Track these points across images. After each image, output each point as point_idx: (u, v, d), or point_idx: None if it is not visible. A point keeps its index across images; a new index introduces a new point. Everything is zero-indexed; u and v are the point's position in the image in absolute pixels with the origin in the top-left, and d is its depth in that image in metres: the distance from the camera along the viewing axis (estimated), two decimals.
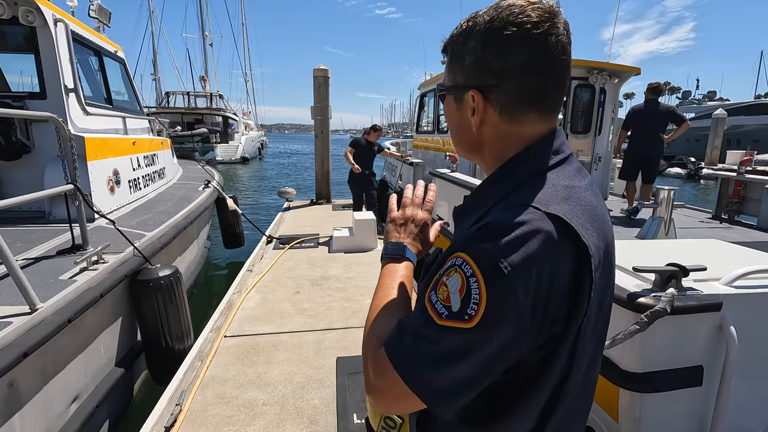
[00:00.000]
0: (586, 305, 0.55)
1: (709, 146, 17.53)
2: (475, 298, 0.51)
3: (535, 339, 0.54)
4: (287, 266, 4.38)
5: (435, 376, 0.54)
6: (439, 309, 0.54)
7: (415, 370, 0.55)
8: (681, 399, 1.39)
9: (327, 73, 7.67)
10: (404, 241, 0.82)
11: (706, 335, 1.38)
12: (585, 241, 0.54)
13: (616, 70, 5.95)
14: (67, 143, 2.43)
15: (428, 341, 0.55)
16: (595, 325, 0.61)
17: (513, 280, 0.50)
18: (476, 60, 0.61)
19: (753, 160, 5.67)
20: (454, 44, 0.66)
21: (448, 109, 0.70)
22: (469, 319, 0.51)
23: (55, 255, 2.53)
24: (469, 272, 0.52)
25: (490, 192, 0.65)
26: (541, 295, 0.51)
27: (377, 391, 0.59)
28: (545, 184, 0.59)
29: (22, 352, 1.72)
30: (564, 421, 0.62)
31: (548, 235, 0.52)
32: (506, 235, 0.52)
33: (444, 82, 0.70)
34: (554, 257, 0.52)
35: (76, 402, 2.19)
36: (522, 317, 0.51)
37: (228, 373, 2.47)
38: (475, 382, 0.55)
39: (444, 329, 0.53)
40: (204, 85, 30.45)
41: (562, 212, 0.54)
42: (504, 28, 0.58)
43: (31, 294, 1.87)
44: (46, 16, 3.21)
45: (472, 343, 0.52)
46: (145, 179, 4.35)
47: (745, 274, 1.43)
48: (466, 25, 0.64)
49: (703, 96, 29.44)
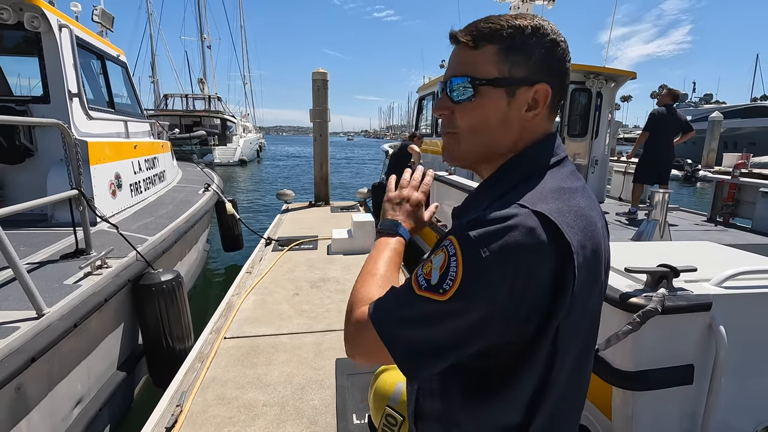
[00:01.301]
0: (567, 302, 0.58)
1: (706, 149, 17.62)
2: (452, 274, 0.56)
3: (510, 325, 0.57)
4: (286, 268, 4.41)
5: (406, 335, 0.60)
6: (420, 281, 0.60)
7: (390, 327, 0.62)
8: (673, 397, 1.43)
9: (326, 77, 7.72)
10: (398, 218, 0.88)
11: (696, 334, 1.42)
12: (568, 238, 0.56)
13: (613, 74, 6.01)
14: (72, 149, 2.46)
15: (405, 306, 0.61)
16: (580, 325, 0.63)
17: (489, 263, 0.54)
18: (547, 56, 0.64)
19: (749, 163, 5.73)
20: (513, 36, 0.63)
21: (491, 104, 0.65)
22: (443, 293, 0.56)
23: (59, 259, 2.56)
24: (452, 251, 0.57)
25: (488, 192, 0.68)
26: (518, 283, 0.54)
27: (354, 342, 0.66)
28: (538, 185, 0.62)
29: (29, 356, 1.74)
30: (554, 417, 0.65)
31: (530, 229, 0.55)
32: (491, 226, 0.56)
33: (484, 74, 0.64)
34: (535, 251, 0.55)
35: (79, 405, 2.21)
36: (495, 300, 0.55)
37: (228, 374, 2.50)
38: (442, 350, 0.59)
39: (420, 299, 0.59)
40: (202, 88, 30.50)
41: (547, 210, 0.57)
42: (559, 36, 0.66)
43: (38, 299, 1.90)
44: (51, 22, 3.25)
45: (442, 313, 0.57)
46: (146, 182, 4.39)
47: (735, 275, 1.47)
48: (527, 23, 0.64)
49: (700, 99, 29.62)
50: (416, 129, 8.83)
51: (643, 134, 5.18)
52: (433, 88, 7.47)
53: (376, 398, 1.21)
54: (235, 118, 29.38)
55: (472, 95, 0.65)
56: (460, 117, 0.68)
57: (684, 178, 18.54)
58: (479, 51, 0.65)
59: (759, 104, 22.28)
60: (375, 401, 1.21)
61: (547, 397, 0.63)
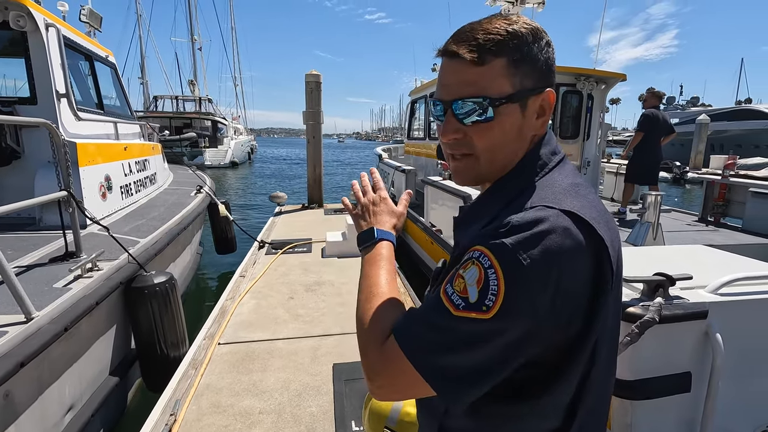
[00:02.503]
0: (607, 297, 0.57)
1: (693, 151, 17.90)
2: (493, 289, 0.52)
3: (553, 333, 0.54)
4: (280, 272, 4.37)
5: (448, 364, 0.54)
6: (456, 300, 0.54)
7: (429, 358, 0.55)
8: (671, 405, 1.44)
9: (319, 79, 7.68)
10: (373, 224, 0.83)
11: (693, 342, 1.42)
12: (601, 234, 0.56)
13: (603, 76, 6.07)
14: (60, 149, 2.41)
15: (443, 331, 0.55)
16: (612, 323, 0.62)
17: (531, 272, 0.51)
18: (547, 60, 0.63)
19: (736, 164, 5.83)
20: (518, 45, 0.60)
21: (509, 120, 0.62)
22: (487, 310, 0.52)
23: (48, 262, 2.50)
24: (488, 264, 0.53)
25: (496, 197, 0.66)
26: (560, 288, 0.52)
27: (384, 379, 0.59)
28: (552, 184, 0.62)
29: (18, 362, 1.70)
30: (589, 418, 0.63)
31: (566, 230, 0.53)
32: (525, 231, 0.53)
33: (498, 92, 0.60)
34: (573, 251, 0.53)
35: (71, 412, 2.17)
36: (539, 309, 0.52)
37: (223, 381, 2.46)
38: (489, 373, 0.55)
39: (460, 320, 0.53)
40: (193, 89, 30.17)
41: (575, 208, 0.56)
42: (547, 35, 0.64)
43: (27, 303, 1.86)
44: (38, 21, 3.19)
45: (488, 333, 0.52)
46: (137, 185, 4.32)
47: (730, 281, 1.48)
48: (525, 29, 0.61)
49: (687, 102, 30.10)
50: (409, 132, 8.83)
51: (638, 135, 5.22)
52: (426, 91, 7.47)
53: (372, 418, 1.16)
54: (226, 120, 29.12)
55: (490, 116, 0.61)
56: (477, 138, 0.64)
57: (673, 180, 18.80)
58: (486, 67, 0.60)
59: (744, 107, 22.68)
60: (371, 422, 1.16)
61: (585, 400, 0.61)
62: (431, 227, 4.71)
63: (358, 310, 0.70)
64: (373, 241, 0.80)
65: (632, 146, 5.36)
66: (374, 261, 0.76)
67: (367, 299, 0.70)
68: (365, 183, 0.91)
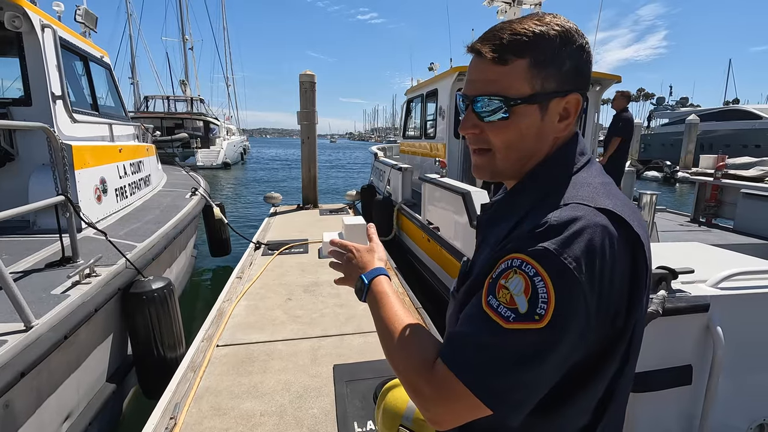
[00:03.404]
0: (643, 292, 0.58)
1: (683, 151, 18.17)
2: (543, 296, 0.51)
3: (599, 331, 0.55)
4: (277, 273, 4.36)
5: (510, 384, 0.53)
6: (504, 313, 0.53)
7: (489, 381, 0.53)
8: (672, 398, 1.46)
9: (313, 79, 7.68)
10: (361, 271, 0.84)
11: (694, 335, 1.45)
12: (636, 231, 0.57)
13: (598, 77, 6.14)
14: (58, 153, 2.38)
15: (497, 348, 0.53)
16: (644, 315, 0.63)
17: (578, 274, 0.51)
18: (576, 65, 0.62)
19: (726, 164, 5.93)
20: (543, 48, 0.60)
21: (526, 120, 0.63)
22: (540, 319, 0.51)
23: (45, 268, 2.47)
24: (532, 272, 0.52)
25: (525, 196, 0.66)
26: (605, 286, 0.53)
27: (441, 408, 0.56)
28: (583, 183, 0.62)
29: (18, 371, 1.66)
30: (615, 414, 0.64)
31: (604, 228, 0.54)
32: (564, 232, 0.53)
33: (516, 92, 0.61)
34: (613, 248, 0.54)
35: (68, 420, 2.14)
36: (589, 309, 0.52)
37: (222, 383, 2.44)
38: (548, 381, 0.54)
39: (513, 332, 0.52)
40: (184, 90, 29.92)
41: (611, 206, 0.57)
42: (584, 39, 0.63)
43: (26, 310, 1.82)
44: (33, 22, 3.14)
45: (545, 342, 0.51)
46: (132, 187, 4.28)
47: (730, 275, 1.51)
48: (555, 31, 0.61)
49: (677, 102, 30.50)
50: (404, 131, 8.84)
51: (616, 140, 5.12)
52: (422, 91, 7.49)
53: (385, 417, 1.12)
54: (219, 121, 28.93)
55: (506, 114, 0.62)
56: (493, 135, 0.65)
57: (663, 180, 19.04)
58: (508, 67, 0.61)
59: (732, 107, 23.05)
60: (385, 420, 1.12)
61: (617, 396, 0.62)
62: (428, 225, 4.72)
63: (388, 351, 0.67)
64: (366, 286, 0.80)
65: (611, 152, 5.21)
66: (378, 300, 0.75)
67: (392, 337, 0.67)
68: (335, 242, 0.96)
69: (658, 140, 23.90)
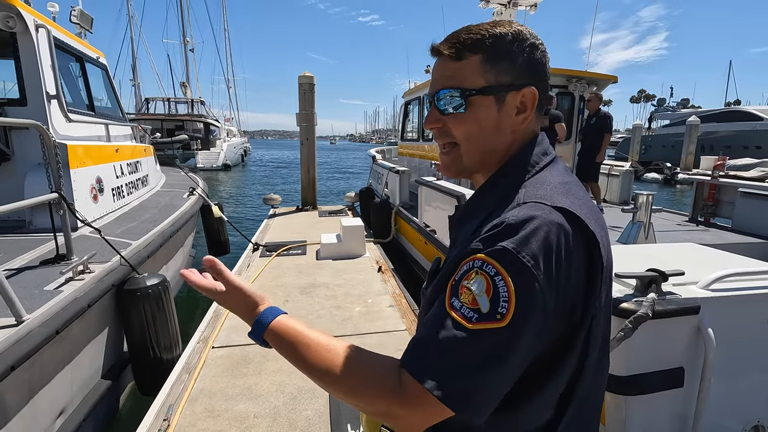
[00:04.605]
0: (599, 288, 0.59)
1: (684, 152, 18.13)
2: (504, 296, 0.52)
3: (555, 328, 0.56)
4: (275, 274, 4.35)
5: (477, 385, 0.52)
6: (467, 314, 0.53)
7: (455, 385, 0.52)
8: (664, 400, 1.45)
9: (312, 80, 7.69)
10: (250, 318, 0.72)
11: (685, 338, 1.44)
12: (592, 229, 0.58)
13: (595, 78, 6.15)
14: (51, 151, 2.38)
15: (462, 350, 0.52)
16: (606, 311, 0.65)
17: (536, 271, 0.52)
18: (529, 60, 0.66)
19: (725, 164, 5.93)
20: (495, 44, 0.64)
21: (482, 112, 0.65)
22: (501, 318, 0.51)
23: (39, 265, 2.47)
24: (493, 272, 0.53)
25: (490, 195, 0.68)
26: (561, 281, 0.54)
27: (407, 418, 0.55)
28: (544, 182, 0.64)
29: (8, 365, 1.67)
30: (579, 413, 0.64)
31: (560, 225, 0.55)
32: (521, 230, 0.54)
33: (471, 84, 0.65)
34: (568, 245, 0.55)
35: (62, 416, 2.14)
36: (547, 307, 0.53)
37: (217, 385, 2.44)
38: (512, 378, 0.55)
39: (477, 333, 0.52)
40: (185, 91, 29.99)
41: (567, 204, 0.58)
42: (537, 39, 0.68)
43: (18, 305, 1.82)
44: (28, 22, 3.15)
45: (507, 341, 0.52)
46: (129, 187, 4.28)
47: (721, 277, 1.50)
48: (506, 30, 0.65)
49: (677, 103, 30.50)
50: (402, 133, 8.85)
51: (608, 136, 5.54)
52: (419, 93, 7.50)
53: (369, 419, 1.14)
54: (219, 122, 28.95)
55: (464, 106, 0.66)
56: (453, 128, 0.68)
57: (664, 181, 19.03)
58: (464, 62, 0.65)
59: (733, 109, 23.02)
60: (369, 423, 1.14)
61: (577, 389, 0.62)
62: (425, 227, 4.71)
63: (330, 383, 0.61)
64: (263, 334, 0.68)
65: (605, 149, 5.62)
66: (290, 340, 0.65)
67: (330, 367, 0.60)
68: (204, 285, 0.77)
69: (658, 141, 23.88)
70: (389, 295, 3.78)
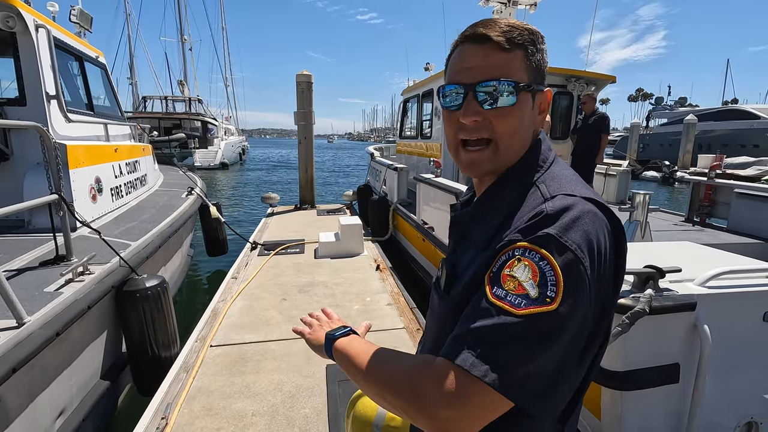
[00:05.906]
0: (623, 274, 0.62)
1: (682, 150, 18.19)
2: (551, 279, 0.52)
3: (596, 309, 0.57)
4: (273, 273, 4.36)
5: (531, 372, 0.51)
6: (515, 300, 0.52)
7: (509, 373, 0.50)
8: (660, 395, 1.46)
9: (310, 79, 7.68)
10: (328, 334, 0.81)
11: (681, 334, 1.45)
12: (617, 217, 0.61)
13: (593, 78, 6.16)
14: (51, 152, 2.38)
15: (512, 337, 0.51)
16: None
17: (579, 255, 0.53)
18: (545, 64, 0.68)
19: (722, 164, 5.95)
20: (534, 42, 0.64)
21: (526, 108, 0.65)
22: (551, 301, 0.51)
23: (39, 266, 2.47)
24: (537, 257, 0.53)
25: (509, 190, 0.66)
26: (601, 267, 0.56)
27: (454, 414, 0.52)
28: (558, 176, 0.65)
29: (10, 367, 1.67)
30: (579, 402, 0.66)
31: (594, 213, 0.57)
32: (561, 218, 0.55)
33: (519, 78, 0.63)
34: (602, 232, 0.57)
35: (61, 417, 2.14)
36: (591, 291, 0.54)
37: (215, 383, 2.44)
38: (570, 364, 0.55)
39: (527, 318, 0.51)
40: (183, 90, 29.91)
41: (591, 195, 0.60)
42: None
43: (18, 307, 1.83)
44: (27, 22, 3.15)
45: (558, 324, 0.51)
46: (127, 186, 4.28)
47: (717, 274, 1.52)
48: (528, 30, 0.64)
49: (675, 102, 30.55)
50: (401, 131, 8.85)
51: (606, 137, 5.53)
52: (418, 91, 7.50)
53: (355, 424, 1.11)
54: (217, 121, 28.88)
55: (515, 99, 0.63)
56: (498, 122, 0.64)
57: (662, 180, 19.07)
58: (512, 54, 0.63)
59: (730, 107, 23.06)
60: (354, 428, 1.12)
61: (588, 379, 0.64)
62: (423, 225, 4.72)
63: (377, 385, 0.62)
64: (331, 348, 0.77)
65: (603, 150, 5.60)
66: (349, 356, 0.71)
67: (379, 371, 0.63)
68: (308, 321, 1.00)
69: (656, 140, 23.93)
70: (387, 294, 3.80)
